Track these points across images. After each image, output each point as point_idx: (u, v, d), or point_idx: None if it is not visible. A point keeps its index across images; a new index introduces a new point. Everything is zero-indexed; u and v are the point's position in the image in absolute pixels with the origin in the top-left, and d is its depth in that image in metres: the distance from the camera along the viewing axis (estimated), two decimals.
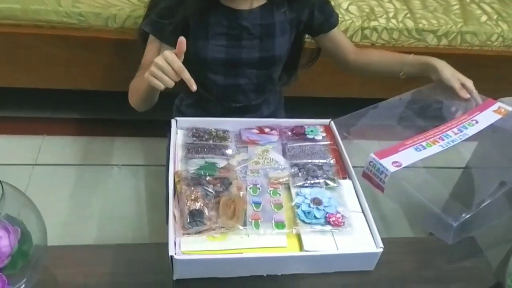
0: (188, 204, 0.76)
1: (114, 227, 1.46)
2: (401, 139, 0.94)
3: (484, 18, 1.80)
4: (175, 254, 0.69)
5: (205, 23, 1.04)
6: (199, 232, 0.74)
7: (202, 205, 0.77)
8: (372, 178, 0.87)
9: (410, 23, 1.70)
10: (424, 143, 0.93)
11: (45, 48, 1.55)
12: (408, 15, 1.73)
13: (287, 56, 1.15)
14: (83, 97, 1.85)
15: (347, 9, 1.69)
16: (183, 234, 0.73)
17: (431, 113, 1.09)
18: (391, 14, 1.71)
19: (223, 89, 1.13)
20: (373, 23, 1.67)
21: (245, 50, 1.07)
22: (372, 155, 0.86)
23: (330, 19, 1.14)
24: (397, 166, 0.85)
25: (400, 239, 1.03)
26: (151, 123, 1.53)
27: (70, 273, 0.76)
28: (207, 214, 0.76)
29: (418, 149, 0.91)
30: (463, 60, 1.78)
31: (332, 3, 1.67)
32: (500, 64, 1.81)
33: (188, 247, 0.71)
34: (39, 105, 1.86)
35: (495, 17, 1.81)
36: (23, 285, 0.65)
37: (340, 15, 1.63)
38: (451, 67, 1.09)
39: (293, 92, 1.39)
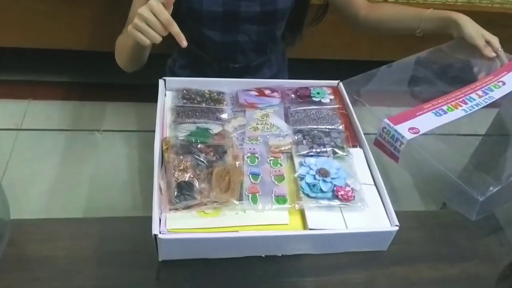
0: (175, 175, 0.67)
1: (104, 197, 1.38)
2: (418, 103, 0.84)
3: None
4: (160, 232, 0.59)
5: None
6: (188, 207, 0.65)
7: (192, 176, 0.67)
8: (385, 147, 0.78)
9: None
10: (445, 107, 0.82)
11: (26, 2, 1.43)
12: None
13: (291, 11, 1.03)
14: (72, 59, 1.74)
15: None
16: (170, 210, 0.64)
17: (452, 73, 0.99)
18: None
19: (220, 47, 1.02)
20: None
21: (244, 2, 0.96)
22: (386, 120, 0.77)
23: None
24: (414, 133, 0.75)
25: (412, 213, 0.95)
26: (143, 87, 1.42)
27: (49, 248, 0.69)
28: (197, 186, 0.66)
29: (438, 114, 0.81)
30: (483, 19, 1.63)
31: None
32: None
33: (175, 225, 0.62)
34: (24, 68, 1.76)
35: None
36: None
37: None
38: (474, 23, 1.00)
39: (297, 53, 1.31)
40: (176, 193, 0.65)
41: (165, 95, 0.82)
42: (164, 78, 0.83)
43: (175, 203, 0.64)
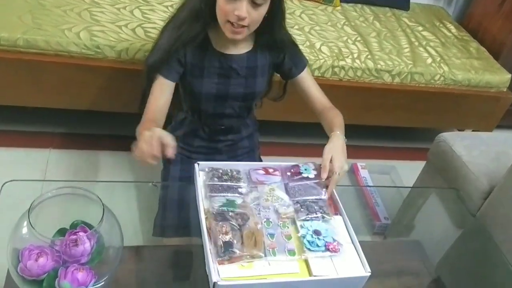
0: (220, 237, 0.95)
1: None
2: None
3: (429, 60, 2.12)
4: (218, 280, 0.87)
5: (200, 64, 1.24)
6: (230, 259, 0.93)
7: (231, 237, 0.96)
8: None
9: (370, 64, 1.97)
10: None
11: (64, 74, 1.69)
12: (369, 56, 2.00)
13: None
14: (83, 114, 1.96)
15: (319, 49, 1.94)
16: (219, 262, 0.92)
17: None
18: (355, 55, 1.98)
19: (212, 116, 1.35)
20: (341, 63, 1.93)
21: (232, 86, 1.29)
22: None
23: (297, 66, 1.33)
24: None
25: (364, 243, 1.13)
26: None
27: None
28: (235, 244, 0.95)
29: None
30: (412, 95, 2.09)
31: (307, 43, 1.94)
32: (442, 99, 2.14)
33: (225, 274, 0.90)
34: (42, 121, 1.96)
35: (438, 59, 2.15)
36: (106, 276, 0.85)
37: (314, 54, 1.89)
38: (337, 146, 1.15)
39: (265, 116, 1.64)
40: (223, 250, 0.93)
41: (199, 175, 1.11)
42: (198, 162, 1.12)
43: (222, 256, 0.92)
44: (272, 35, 1.25)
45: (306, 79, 1.35)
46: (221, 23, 1.16)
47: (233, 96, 1.30)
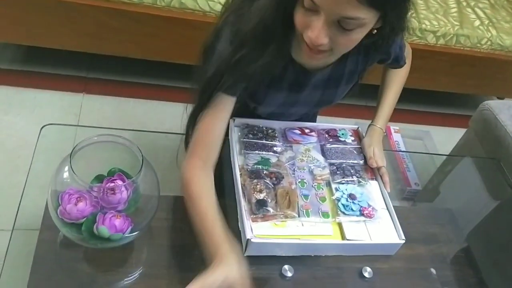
0: (254, 195, 0.95)
1: None
2: None
3: (477, 23, 2.00)
4: (252, 237, 0.88)
5: (271, 74, 0.97)
6: (264, 217, 0.92)
7: (265, 195, 0.95)
8: None
9: (415, 23, 1.88)
10: None
11: (99, 18, 1.66)
12: (414, 15, 1.88)
13: None
14: (117, 60, 1.94)
15: None
16: (253, 221, 0.92)
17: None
18: None
19: (270, 115, 1.13)
20: None
21: (303, 97, 1.05)
22: None
23: (399, 62, 1.13)
24: None
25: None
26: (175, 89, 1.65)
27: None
28: (269, 202, 0.94)
29: None
30: (455, 59, 2.00)
31: None
32: (487, 64, 2.04)
33: (259, 232, 0.90)
34: (76, 65, 1.96)
35: (486, 22, 2.02)
36: (143, 224, 0.86)
37: None
38: (375, 138, 1.11)
39: None
40: (257, 207, 0.93)
41: (234, 131, 1.09)
42: (234, 118, 1.09)
43: (256, 214, 0.92)
44: (383, 52, 1.02)
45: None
46: (299, 38, 0.85)
47: (304, 105, 1.08)
